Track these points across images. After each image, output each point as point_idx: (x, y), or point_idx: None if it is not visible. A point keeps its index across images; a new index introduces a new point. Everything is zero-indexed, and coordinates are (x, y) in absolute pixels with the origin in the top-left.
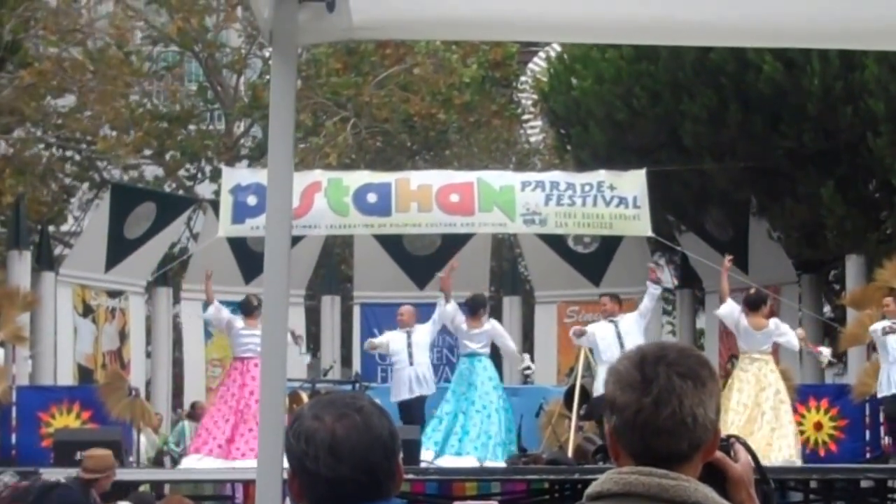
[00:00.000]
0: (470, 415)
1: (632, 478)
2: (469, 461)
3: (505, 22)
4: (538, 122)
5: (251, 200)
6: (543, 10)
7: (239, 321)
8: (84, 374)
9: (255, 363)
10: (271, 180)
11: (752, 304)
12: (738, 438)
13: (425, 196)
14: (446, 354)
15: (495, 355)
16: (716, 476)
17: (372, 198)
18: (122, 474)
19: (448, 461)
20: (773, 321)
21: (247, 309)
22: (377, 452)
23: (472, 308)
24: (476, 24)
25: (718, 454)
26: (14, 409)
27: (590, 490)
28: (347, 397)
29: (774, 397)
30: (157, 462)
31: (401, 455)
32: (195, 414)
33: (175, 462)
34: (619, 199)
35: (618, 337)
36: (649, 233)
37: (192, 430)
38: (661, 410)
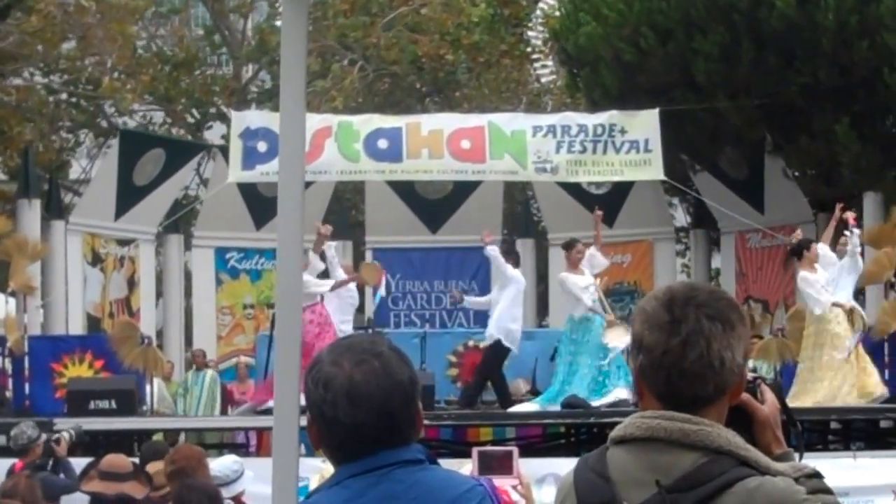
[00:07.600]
0: None
1: (654, 422)
2: None
3: None
4: (549, 62)
5: (261, 146)
6: None
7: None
8: (92, 322)
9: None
10: (283, 129)
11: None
12: (764, 380)
13: (436, 142)
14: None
15: None
16: (742, 418)
17: (383, 143)
18: (136, 423)
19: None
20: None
21: None
22: (396, 398)
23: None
24: None
25: (745, 396)
26: (27, 360)
27: (613, 434)
28: (367, 342)
29: None
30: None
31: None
32: (194, 362)
33: None
34: (631, 144)
35: None
36: (661, 176)
37: (192, 378)
38: (688, 352)
